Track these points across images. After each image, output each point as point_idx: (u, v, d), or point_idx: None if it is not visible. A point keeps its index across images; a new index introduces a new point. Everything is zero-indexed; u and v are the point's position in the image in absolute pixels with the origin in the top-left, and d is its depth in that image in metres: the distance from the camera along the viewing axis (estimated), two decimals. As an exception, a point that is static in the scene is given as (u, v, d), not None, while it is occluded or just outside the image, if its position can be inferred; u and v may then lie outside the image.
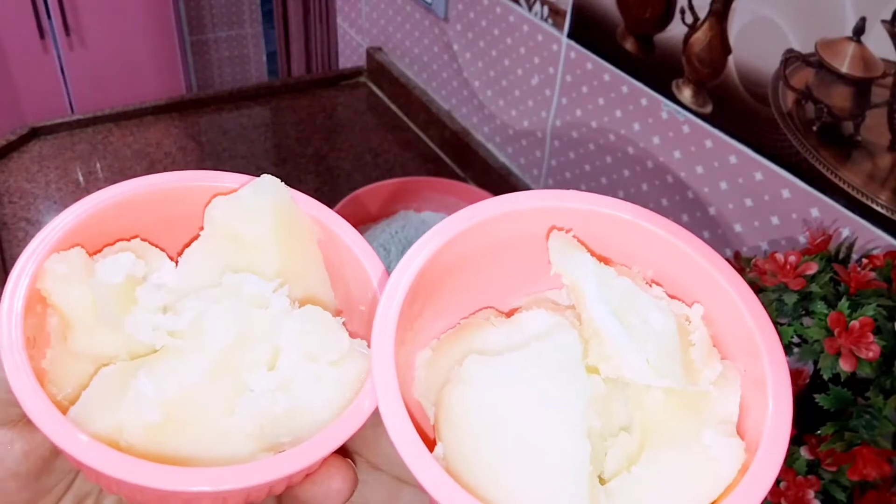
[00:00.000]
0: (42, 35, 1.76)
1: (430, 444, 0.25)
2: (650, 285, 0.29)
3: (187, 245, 0.29)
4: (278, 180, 0.28)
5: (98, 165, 1.20)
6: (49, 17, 1.76)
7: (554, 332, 0.27)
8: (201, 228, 0.29)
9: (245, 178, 0.29)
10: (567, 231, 0.29)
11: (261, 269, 0.28)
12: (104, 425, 0.24)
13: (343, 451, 0.27)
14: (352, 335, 0.28)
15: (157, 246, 0.29)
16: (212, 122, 1.32)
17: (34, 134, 1.24)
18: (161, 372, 0.25)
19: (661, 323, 0.26)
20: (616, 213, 0.28)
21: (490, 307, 0.30)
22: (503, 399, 0.25)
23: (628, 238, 0.28)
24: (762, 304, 0.26)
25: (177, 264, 0.29)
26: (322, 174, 1.21)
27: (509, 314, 0.30)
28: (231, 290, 0.27)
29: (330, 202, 1.10)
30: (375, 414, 0.25)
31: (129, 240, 0.29)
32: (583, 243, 0.29)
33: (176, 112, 1.33)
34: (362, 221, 1.01)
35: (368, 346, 0.27)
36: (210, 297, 0.27)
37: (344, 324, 0.28)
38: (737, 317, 0.27)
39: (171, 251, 0.30)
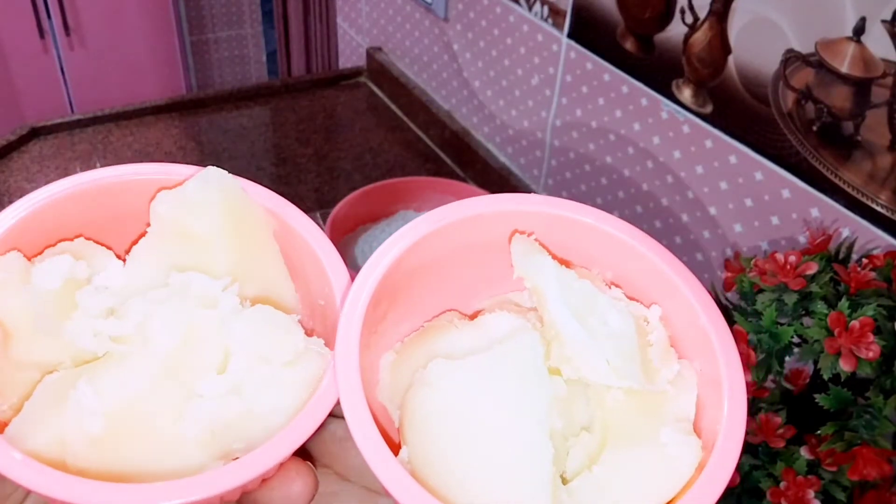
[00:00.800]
0: (42, 35, 1.77)
1: (396, 447, 0.25)
2: (610, 287, 0.29)
3: (135, 242, 0.28)
4: (225, 171, 0.27)
5: (98, 165, 1.19)
6: (49, 17, 1.76)
7: (516, 334, 0.27)
8: (149, 224, 0.28)
9: (192, 169, 0.28)
10: (529, 235, 0.29)
11: (212, 265, 0.27)
12: (44, 439, 0.23)
13: (310, 460, 0.26)
14: (310, 331, 0.27)
15: (103, 244, 0.28)
16: (212, 122, 1.32)
17: (34, 134, 1.23)
18: (103, 380, 0.24)
19: (620, 324, 0.27)
20: (577, 216, 0.29)
21: (454, 309, 0.30)
22: (467, 402, 0.25)
23: (588, 241, 0.29)
24: (718, 305, 0.26)
25: (125, 263, 0.28)
26: (322, 174, 1.20)
27: (473, 316, 0.30)
28: (178, 291, 0.26)
29: (330, 202, 1.11)
30: (343, 428, 0.24)
31: (72, 239, 0.27)
32: (544, 247, 0.29)
33: (176, 112, 1.32)
34: (362, 221, 1.00)
35: (328, 346, 0.26)
36: (156, 299, 0.26)
37: (303, 319, 0.27)
38: (693, 318, 0.27)
39: (119, 249, 0.28)
